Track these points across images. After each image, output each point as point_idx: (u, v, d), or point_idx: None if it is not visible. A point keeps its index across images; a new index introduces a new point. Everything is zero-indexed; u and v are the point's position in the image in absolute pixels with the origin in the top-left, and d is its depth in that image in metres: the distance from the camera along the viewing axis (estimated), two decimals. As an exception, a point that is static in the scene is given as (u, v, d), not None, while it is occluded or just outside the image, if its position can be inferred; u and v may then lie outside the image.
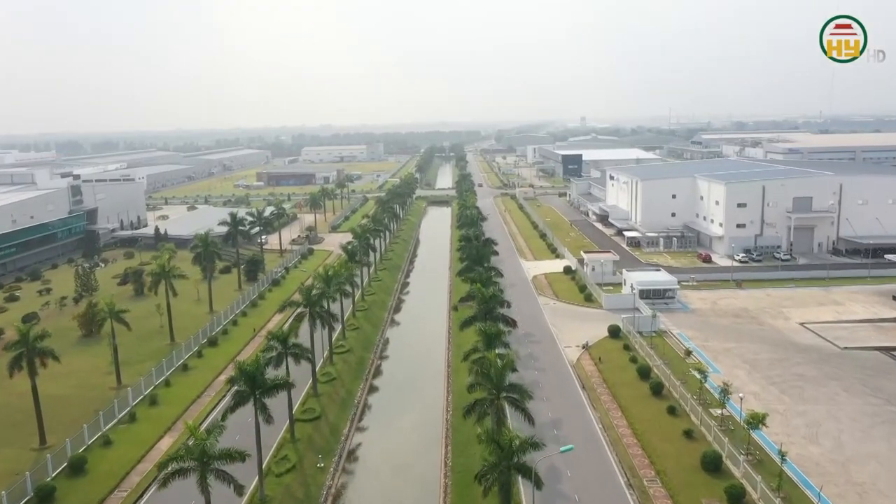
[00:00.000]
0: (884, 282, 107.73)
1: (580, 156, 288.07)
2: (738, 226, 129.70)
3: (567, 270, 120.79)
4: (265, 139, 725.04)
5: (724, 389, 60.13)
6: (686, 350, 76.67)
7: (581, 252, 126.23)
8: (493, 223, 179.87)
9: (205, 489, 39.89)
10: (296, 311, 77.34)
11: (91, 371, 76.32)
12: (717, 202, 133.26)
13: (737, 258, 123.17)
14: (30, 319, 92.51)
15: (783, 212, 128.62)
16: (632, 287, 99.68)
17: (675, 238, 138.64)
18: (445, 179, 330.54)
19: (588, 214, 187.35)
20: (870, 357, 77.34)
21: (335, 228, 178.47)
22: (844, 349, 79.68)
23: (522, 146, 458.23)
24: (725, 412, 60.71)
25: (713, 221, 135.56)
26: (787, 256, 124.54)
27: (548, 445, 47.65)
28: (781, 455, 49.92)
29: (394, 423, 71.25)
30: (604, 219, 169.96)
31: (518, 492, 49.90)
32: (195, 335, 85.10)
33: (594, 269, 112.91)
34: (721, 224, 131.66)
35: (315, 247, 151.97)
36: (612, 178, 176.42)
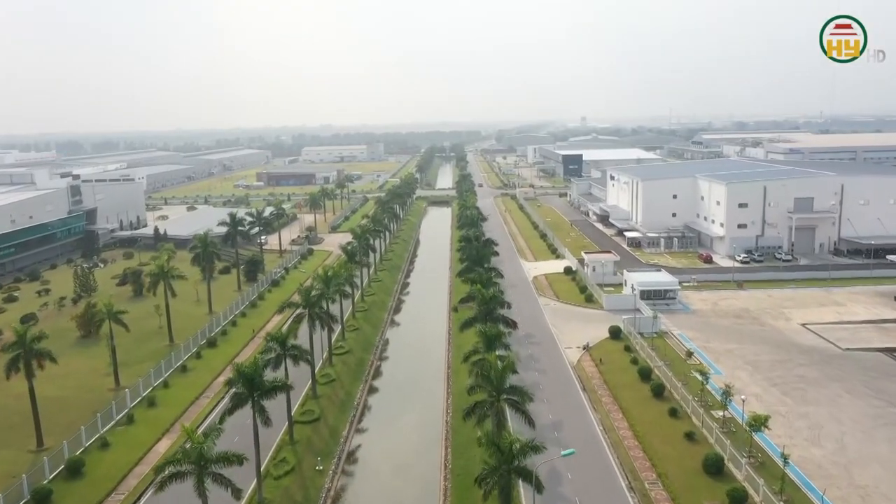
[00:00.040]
0: (885, 282, 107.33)
1: (581, 156, 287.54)
2: (740, 226, 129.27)
3: (567, 271, 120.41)
4: (265, 139, 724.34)
5: (726, 391, 59.73)
6: (687, 351, 76.28)
7: (582, 252, 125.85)
8: (494, 223, 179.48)
9: (202, 493, 39.52)
10: (295, 313, 76.86)
11: (89, 372, 75.92)
12: (718, 202, 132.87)
13: (738, 259, 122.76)
14: (28, 320, 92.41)
15: (784, 212, 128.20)
16: (633, 288, 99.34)
17: (676, 238, 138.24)
18: (446, 179, 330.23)
19: (588, 215, 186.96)
20: (872, 358, 76.87)
21: (335, 229, 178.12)
22: (846, 350, 79.26)
23: (523, 146, 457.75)
24: (727, 414, 60.30)
25: (714, 222, 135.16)
26: (789, 257, 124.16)
27: (548, 448, 47.23)
28: (784, 458, 49.51)
29: (393, 425, 70.89)
30: (604, 219, 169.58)
31: (518, 495, 49.53)
32: (194, 336, 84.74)
33: (595, 270, 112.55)
34: (722, 224, 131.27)
35: (315, 247, 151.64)
36: (613, 179, 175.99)
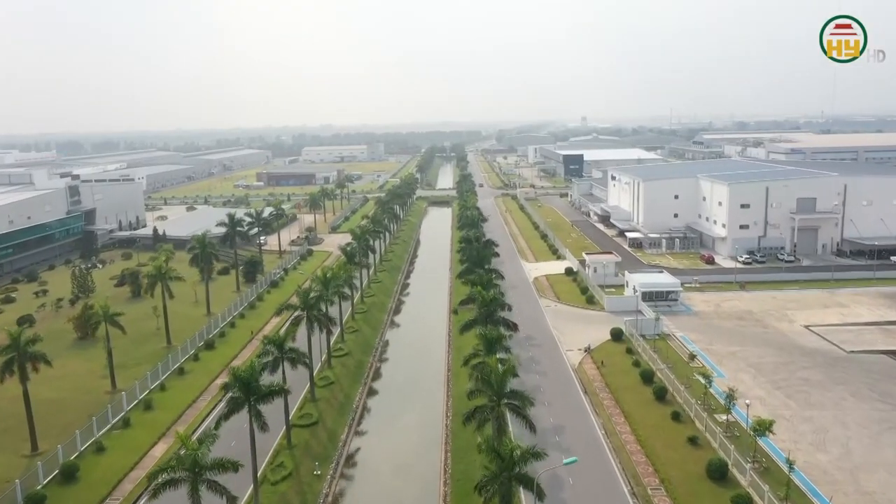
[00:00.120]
0: (889, 284, 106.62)
1: (581, 156, 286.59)
2: (742, 227, 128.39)
3: (568, 272, 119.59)
4: (266, 139, 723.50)
5: (730, 395, 58.89)
6: (690, 354, 75.43)
7: (583, 253, 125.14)
8: (494, 224, 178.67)
9: (196, 501, 38.69)
10: (293, 315, 76.05)
11: (86, 374, 75.15)
12: (720, 203, 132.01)
13: (740, 260, 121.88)
14: (25, 321, 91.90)
15: (787, 213, 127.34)
16: (634, 289, 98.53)
17: (678, 239, 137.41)
18: (446, 179, 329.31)
19: (589, 215, 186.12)
20: (876, 361, 76.04)
21: (335, 229, 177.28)
22: (850, 353, 78.43)
23: (523, 146, 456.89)
24: (731, 418, 59.49)
25: (716, 222, 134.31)
26: (791, 258, 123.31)
27: (550, 453, 46.37)
28: (789, 464, 48.65)
29: (392, 428, 70.07)
30: (605, 219, 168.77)
31: (519, 501, 48.74)
32: (192, 338, 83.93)
33: (596, 271, 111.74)
34: (724, 225, 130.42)
35: (314, 248, 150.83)
36: (614, 179, 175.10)
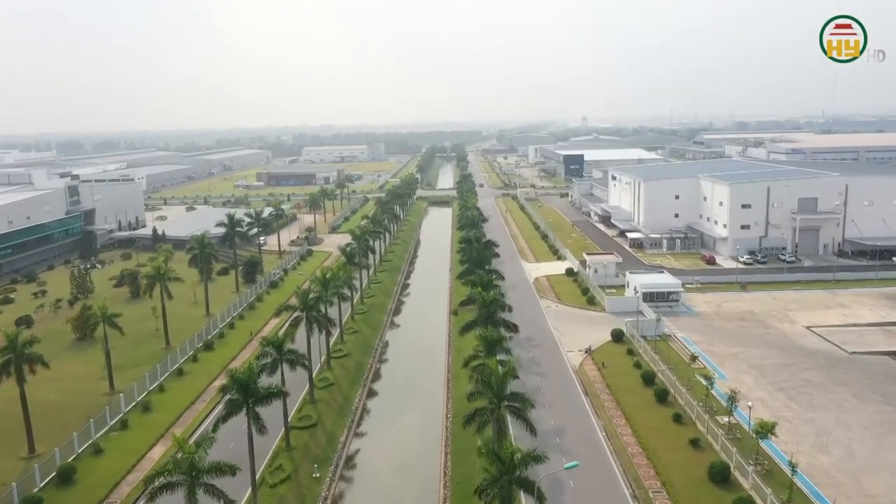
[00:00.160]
0: (890, 284, 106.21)
1: (582, 156, 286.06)
2: (743, 227, 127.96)
3: (569, 272, 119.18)
4: (266, 139, 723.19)
5: (732, 397, 58.48)
6: (691, 355, 74.96)
7: (583, 254, 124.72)
8: (495, 224, 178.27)
9: (194, 504, 38.34)
10: (292, 316, 75.62)
11: (84, 376, 74.80)
12: (721, 203, 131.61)
13: (741, 260, 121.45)
14: (24, 322, 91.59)
15: (788, 213, 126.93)
16: (635, 290, 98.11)
17: (679, 239, 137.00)
18: (446, 180, 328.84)
19: (590, 215, 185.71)
20: (879, 362, 75.65)
21: (335, 229, 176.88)
22: (852, 354, 78.02)
23: (524, 146, 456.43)
24: (733, 420, 59.10)
25: (717, 222, 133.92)
26: (793, 258, 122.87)
27: (550, 456, 46.02)
28: (792, 467, 48.26)
29: (392, 430, 69.66)
30: (606, 220, 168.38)
31: (520, 504, 48.35)
32: (191, 339, 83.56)
33: (597, 272, 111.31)
34: (725, 225, 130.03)
35: (314, 248, 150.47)
36: (615, 179, 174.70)
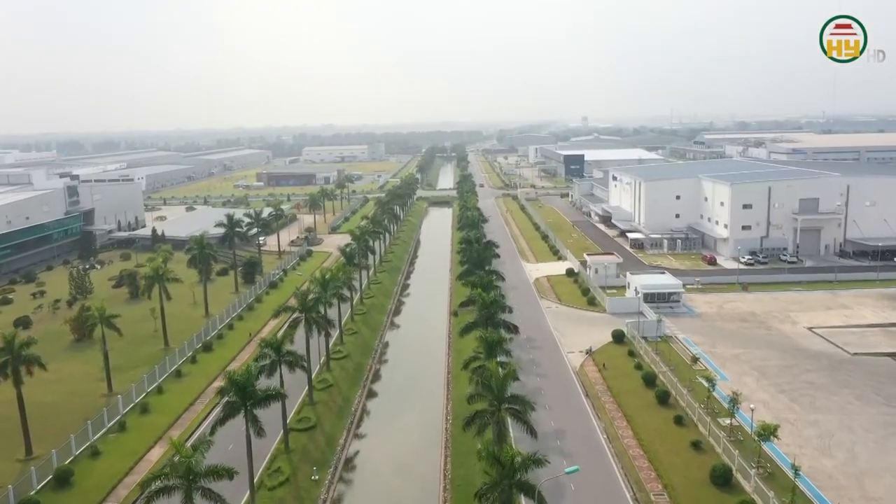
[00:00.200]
0: (892, 285, 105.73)
1: (582, 156, 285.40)
2: (744, 227, 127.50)
3: (570, 273, 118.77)
4: (266, 139, 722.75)
5: (734, 399, 58.05)
6: (693, 356, 74.50)
7: (584, 254, 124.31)
8: (495, 224, 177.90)
9: (191, 509, 37.93)
10: (291, 317, 75.19)
11: (82, 377, 74.43)
12: (722, 203, 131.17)
13: (742, 260, 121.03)
14: (22, 323, 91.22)
15: (789, 213, 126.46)
16: (636, 290, 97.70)
17: (679, 240, 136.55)
18: (447, 180, 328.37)
19: (590, 215, 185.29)
20: (881, 363, 75.18)
21: (335, 229, 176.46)
22: (854, 355, 77.57)
23: (524, 146, 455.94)
24: (734, 422, 58.69)
25: (718, 223, 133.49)
26: (794, 259, 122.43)
27: (551, 459, 45.69)
28: (795, 470, 47.86)
29: (391, 433, 69.22)
30: (606, 220, 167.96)
31: (520, 508, 47.91)
32: (189, 340, 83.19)
33: (597, 272, 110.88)
34: (726, 226, 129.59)
35: (314, 248, 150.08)
36: (615, 179, 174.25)
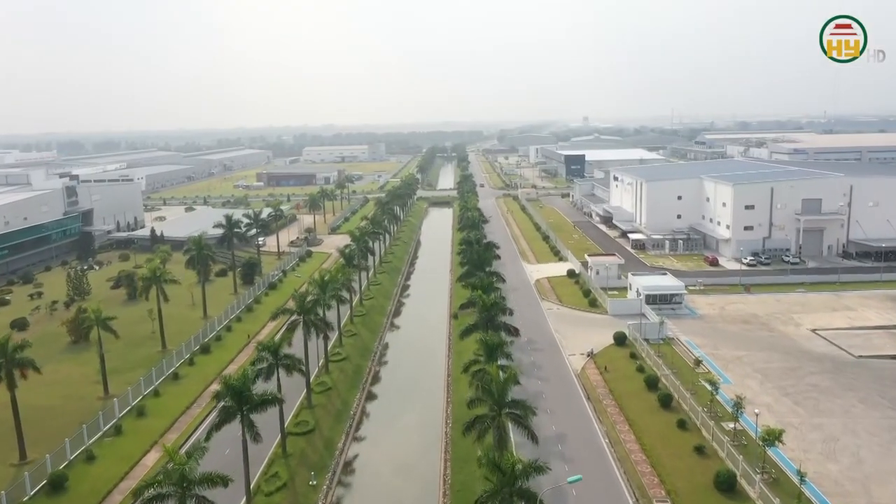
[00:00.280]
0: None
1: (583, 156, 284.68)
2: (746, 228, 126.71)
3: (571, 274, 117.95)
4: (267, 139, 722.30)
5: (737, 402, 57.26)
6: (695, 359, 73.76)
7: (585, 255, 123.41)
8: (495, 225, 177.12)
9: (184, 517, 37.15)
10: (289, 319, 74.40)
11: (79, 380, 73.63)
12: (724, 204, 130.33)
13: (744, 261, 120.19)
14: (18, 325, 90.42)
15: (792, 214, 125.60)
16: (638, 292, 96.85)
17: (681, 240, 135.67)
18: (447, 180, 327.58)
19: (591, 216, 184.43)
20: (886, 366, 74.31)
21: (335, 230, 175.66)
22: (859, 358, 76.70)
23: (525, 146, 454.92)
24: (738, 426, 57.89)
25: (720, 223, 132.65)
26: (797, 259, 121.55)
27: (552, 464, 44.81)
28: (801, 476, 47.03)
29: (390, 436, 68.45)
30: (608, 220, 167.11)
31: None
32: (187, 342, 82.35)
33: (599, 273, 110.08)
34: (728, 226, 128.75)
35: (314, 249, 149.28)
36: (617, 179, 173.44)
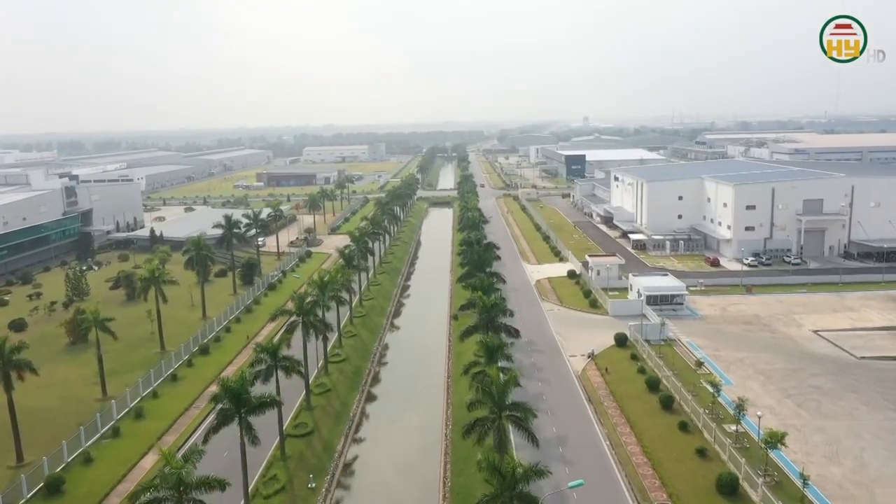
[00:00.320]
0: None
1: (583, 156, 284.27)
2: (747, 228, 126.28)
3: (571, 275, 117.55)
4: (268, 139, 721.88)
5: (740, 404, 56.81)
6: (697, 360, 73.37)
7: (585, 255, 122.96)
8: (496, 225, 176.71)
9: (181, 521, 36.78)
10: (288, 320, 73.99)
11: (77, 381, 73.30)
12: (726, 204, 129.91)
13: (746, 262, 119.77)
14: (16, 325, 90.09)
15: (793, 214, 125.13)
16: (638, 293, 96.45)
17: (682, 241, 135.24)
18: (447, 180, 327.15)
19: (592, 216, 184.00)
20: (889, 368, 73.85)
21: (334, 230, 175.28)
22: (862, 359, 76.23)
23: (525, 146, 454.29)
24: (741, 428, 57.44)
25: (721, 224, 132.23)
26: (798, 260, 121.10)
27: (553, 467, 44.48)
28: (804, 479, 46.62)
29: (390, 439, 68.07)
30: (608, 221, 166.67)
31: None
32: (186, 343, 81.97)
33: (599, 274, 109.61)
34: (729, 227, 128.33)
35: (313, 249, 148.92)
36: (617, 180, 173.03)
